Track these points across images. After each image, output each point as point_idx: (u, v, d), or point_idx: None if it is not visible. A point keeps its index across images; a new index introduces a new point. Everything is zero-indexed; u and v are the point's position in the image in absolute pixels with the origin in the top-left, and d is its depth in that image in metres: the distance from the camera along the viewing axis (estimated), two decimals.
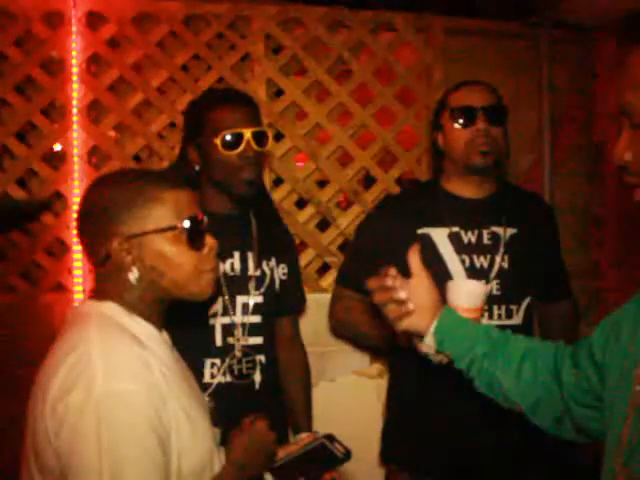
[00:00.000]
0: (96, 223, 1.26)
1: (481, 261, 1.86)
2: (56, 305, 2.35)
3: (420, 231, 1.89)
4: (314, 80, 2.73)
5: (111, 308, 1.26)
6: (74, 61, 2.46)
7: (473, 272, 1.84)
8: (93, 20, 2.49)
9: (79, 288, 2.43)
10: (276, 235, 2.05)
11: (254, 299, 1.92)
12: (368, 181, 2.88)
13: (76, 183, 2.46)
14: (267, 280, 1.95)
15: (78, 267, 2.44)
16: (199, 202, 1.34)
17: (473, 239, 1.88)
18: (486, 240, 1.88)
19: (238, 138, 1.80)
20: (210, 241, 1.31)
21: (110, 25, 2.50)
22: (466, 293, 1.62)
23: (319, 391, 2.39)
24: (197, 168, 1.87)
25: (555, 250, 2.06)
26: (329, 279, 2.69)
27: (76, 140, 2.47)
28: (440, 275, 1.77)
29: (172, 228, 1.26)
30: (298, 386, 2.08)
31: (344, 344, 2.62)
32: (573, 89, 3.13)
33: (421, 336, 1.29)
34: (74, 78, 2.46)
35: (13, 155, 2.46)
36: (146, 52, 2.55)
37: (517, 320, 1.86)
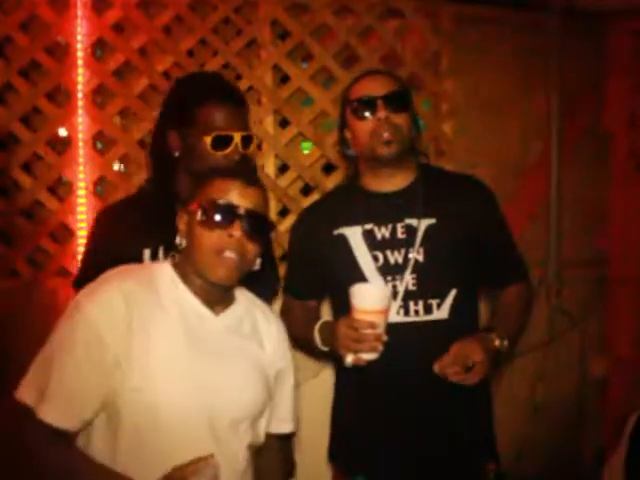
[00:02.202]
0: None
1: (395, 256, 1.80)
2: (60, 290, 2.35)
3: (336, 232, 1.86)
4: (321, 66, 2.71)
5: (163, 265, 1.49)
6: (79, 45, 2.44)
7: (387, 269, 1.80)
8: (98, 4, 2.47)
9: None
10: None
11: None
12: None
13: (81, 168, 2.45)
14: None
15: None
16: (252, 196, 1.44)
17: (387, 234, 1.82)
18: (400, 234, 1.81)
19: (228, 141, 1.79)
20: (236, 232, 1.41)
21: (115, 9, 2.48)
22: (370, 296, 1.63)
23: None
24: (176, 154, 1.82)
25: (494, 233, 1.89)
26: None
27: (81, 125, 2.46)
28: (354, 275, 1.79)
29: (200, 206, 1.42)
30: None
31: None
32: (583, 78, 3.10)
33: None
34: (79, 63, 2.44)
35: (18, 140, 2.46)
36: (151, 37, 2.53)
37: (440, 315, 1.78)
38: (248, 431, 1.47)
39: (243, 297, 1.58)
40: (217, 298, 1.49)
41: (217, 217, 1.41)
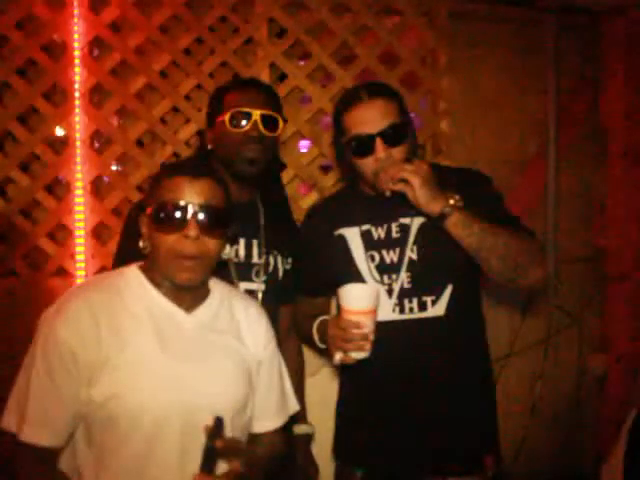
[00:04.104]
0: None
1: (391, 256, 1.82)
2: (58, 289, 2.34)
3: (336, 233, 1.89)
4: (318, 64, 2.71)
5: (131, 269, 1.48)
6: (76, 44, 2.44)
7: (383, 268, 1.82)
8: (95, 3, 2.47)
9: (81, 273, 2.42)
10: (284, 226, 2.08)
11: (256, 286, 1.93)
12: None
13: (78, 167, 2.45)
14: (270, 269, 1.97)
15: (80, 252, 2.43)
16: (201, 190, 1.40)
17: (382, 234, 1.84)
18: (395, 233, 1.83)
19: (246, 117, 1.84)
20: (191, 232, 1.37)
21: (112, 8, 2.48)
22: (354, 297, 1.65)
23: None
24: (209, 147, 1.91)
25: (488, 211, 1.72)
26: None
27: (78, 124, 2.45)
28: (351, 274, 1.82)
29: (152, 210, 1.40)
30: (291, 377, 2.01)
31: None
32: (580, 74, 3.10)
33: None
34: (76, 61, 2.44)
35: (15, 139, 2.45)
36: (148, 35, 2.53)
37: (436, 312, 1.79)
38: (229, 425, 1.44)
39: (218, 287, 1.56)
40: (187, 297, 1.47)
41: (169, 220, 1.38)
